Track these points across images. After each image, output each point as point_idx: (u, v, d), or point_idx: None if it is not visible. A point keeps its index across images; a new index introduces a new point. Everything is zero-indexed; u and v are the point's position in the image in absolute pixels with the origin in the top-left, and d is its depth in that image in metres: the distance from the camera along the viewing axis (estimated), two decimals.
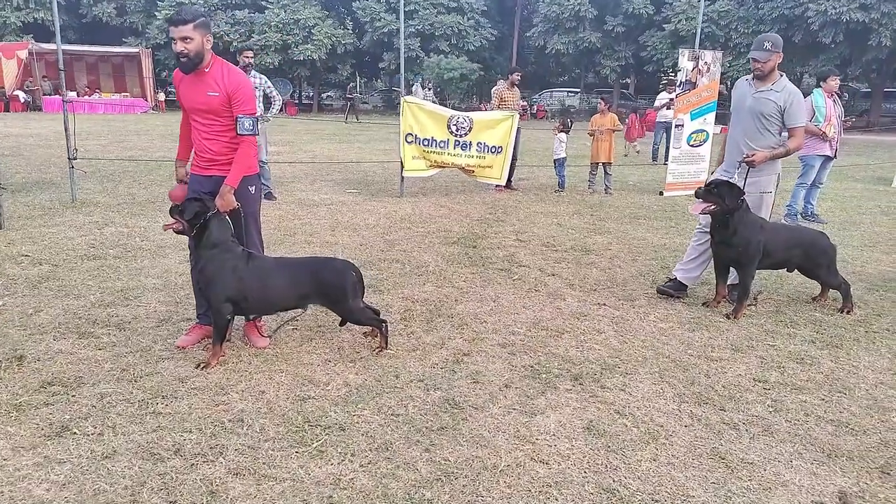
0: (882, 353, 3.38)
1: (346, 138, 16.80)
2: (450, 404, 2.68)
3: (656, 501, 2.10)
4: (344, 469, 2.19)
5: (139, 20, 34.17)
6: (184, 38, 2.91)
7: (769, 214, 4.12)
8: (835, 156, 6.64)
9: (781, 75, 3.93)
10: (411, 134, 7.69)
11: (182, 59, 2.95)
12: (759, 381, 3.01)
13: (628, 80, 37.35)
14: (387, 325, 3.22)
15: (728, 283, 4.15)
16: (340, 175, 9.92)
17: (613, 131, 8.56)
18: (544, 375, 3.00)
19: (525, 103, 24.67)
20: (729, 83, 25.70)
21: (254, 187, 3.26)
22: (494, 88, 8.93)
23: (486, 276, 4.60)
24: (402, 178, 7.99)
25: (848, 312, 3.96)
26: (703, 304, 4.10)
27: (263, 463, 2.20)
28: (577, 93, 35.08)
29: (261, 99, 7.24)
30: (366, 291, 4.11)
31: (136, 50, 30.88)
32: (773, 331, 3.68)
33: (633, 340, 3.48)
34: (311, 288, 3.03)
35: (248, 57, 7.11)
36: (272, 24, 31.21)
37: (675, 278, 4.24)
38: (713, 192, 3.78)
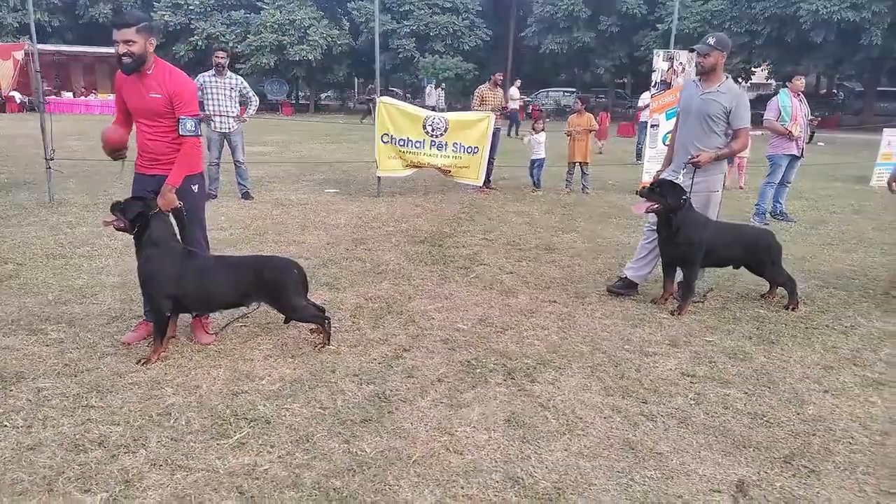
0: (816, 348, 3.45)
1: (338, 138, 16.88)
2: (379, 398, 2.76)
3: (559, 490, 2.17)
4: (260, 460, 2.27)
5: None
6: (126, 41, 2.99)
7: (717, 213, 4.19)
8: (801, 155, 6.70)
9: (727, 77, 4.00)
10: (387, 134, 7.77)
11: (124, 61, 3.02)
12: (688, 376, 3.09)
13: (625, 80, 37.43)
14: (329, 322, 3.30)
15: (677, 280, 4.23)
16: (324, 175, 10.00)
17: (589, 131, 8.63)
18: (479, 370, 3.07)
19: (522, 103, 24.62)
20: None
21: (197, 186, 3.33)
22: (477, 88, 9.02)
23: (444, 275, 4.67)
24: (379, 178, 8.09)
25: (793, 309, 4.02)
26: (652, 301, 4.17)
27: (182, 454, 2.28)
28: (573, 92, 35.11)
29: (236, 100, 7.34)
30: (322, 289, 4.24)
31: None
32: (715, 327, 3.75)
33: (573, 336, 3.55)
34: (252, 286, 3.11)
35: (220, 57, 7.18)
36: (268, 24, 31.30)
37: (626, 277, 4.31)
38: (656, 192, 3.86)
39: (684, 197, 3.82)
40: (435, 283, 4.45)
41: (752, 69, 31.22)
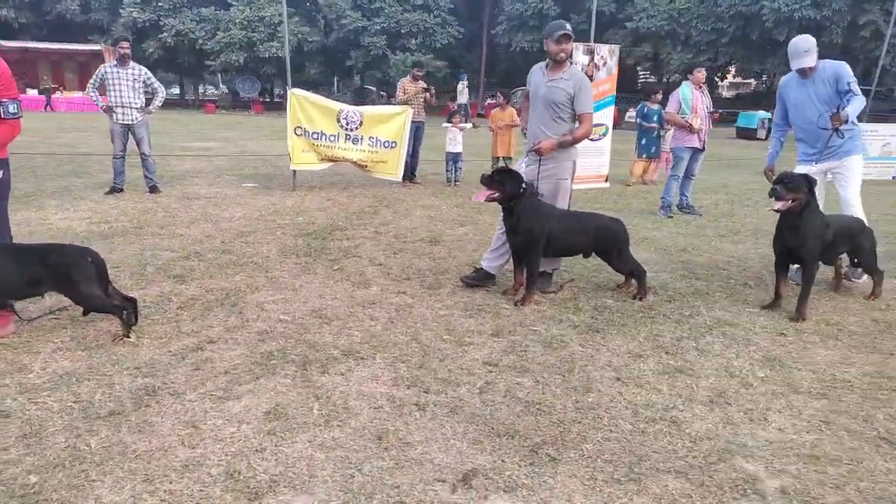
0: (638, 336, 3.39)
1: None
2: (146, 391, 2.66)
3: (274, 483, 2.09)
4: None
5: (104, 18, 33.91)
6: None
7: (567, 202, 4.13)
8: (703, 147, 6.68)
9: (572, 63, 3.94)
10: (300, 127, 7.66)
11: None
12: (491, 365, 3.02)
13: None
14: (128, 314, 3.20)
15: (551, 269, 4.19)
16: (254, 169, 9.88)
17: (512, 126, 8.58)
18: (274, 362, 2.98)
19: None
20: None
21: (1, 172, 3.22)
22: (400, 81, 8.94)
23: (306, 267, 4.58)
24: (294, 171, 7.99)
25: (640, 299, 3.98)
26: (503, 292, 4.12)
27: None
28: None
29: (140, 91, 7.20)
30: (168, 281, 4.14)
31: (100, 47, 30.52)
32: (550, 316, 3.69)
33: (399, 327, 3.47)
34: (40, 274, 3.00)
35: (123, 48, 7.04)
36: (237, 21, 31.08)
37: (481, 268, 4.25)
38: (495, 180, 3.79)
39: (523, 185, 3.76)
40: (291, 276, 4.36)
41: (728, 68, 31.48)
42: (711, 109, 6.72)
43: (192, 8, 32.74)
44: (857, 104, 4.01)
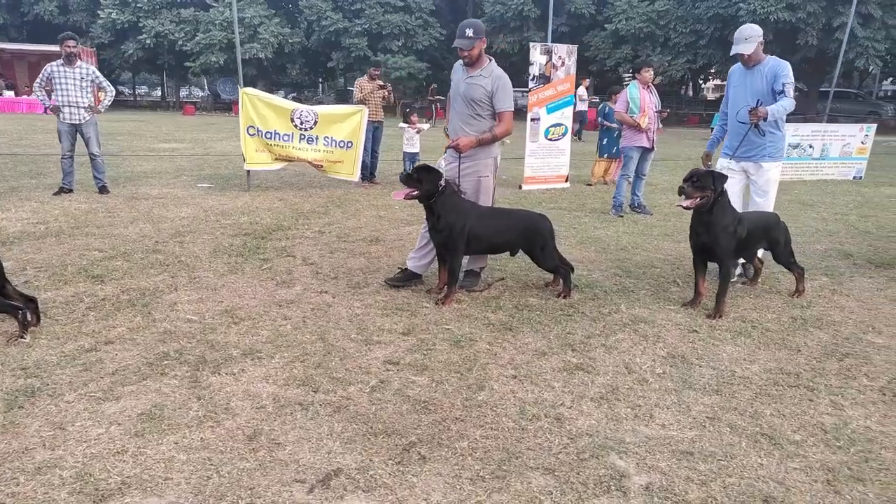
0: (549, 336, 3.36)
1: None
2: (25, 392, 2.59)
3: (124, 486, 2.03)
4: None
5: (82, 19, 33.56)
6: None
7: (490, 199, 4.10)
8: (652, 147, 6.68)
9: (490, 60, 3.91)
10: (253, 126, 7.59)
11: None
12: (392, 363, 2.97)
13: (587, 80, 37.57)
14: (23, 314, 3.12)
15: (470, 268, 4.15)
16: (214, 170, 9.78)
17: None
18: (167, 363, 2.92)
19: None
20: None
21: None
22: (357, 80, 8.89)
23: (235, 267, 4.52)
24: (248, 171, 7.91)
25: (564, 297, 3.95)
26: (428, 290, 4.07)
27: None
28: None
29: (88, 89, 7.10)
30: (86, 281, 4.06)
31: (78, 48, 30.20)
32: (469, 314, 3.65)
33: (309, 327, 3.42)
34: None
35: (69, 46, 6.93)
36: (216, 22, 30.85)
37: (406, 268, 4.20)
38: (413, 178, 3.75)
39: (441, 182, 3.72)
40: (216, 276, 4.29)
41: (711, 71, 31.64)
42: (659, 108, 6.71)
43: (171, 9, 32.47)
44: (782, 104, 4.00)
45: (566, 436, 2.38)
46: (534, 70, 8.33)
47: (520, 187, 8.61)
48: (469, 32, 3.78)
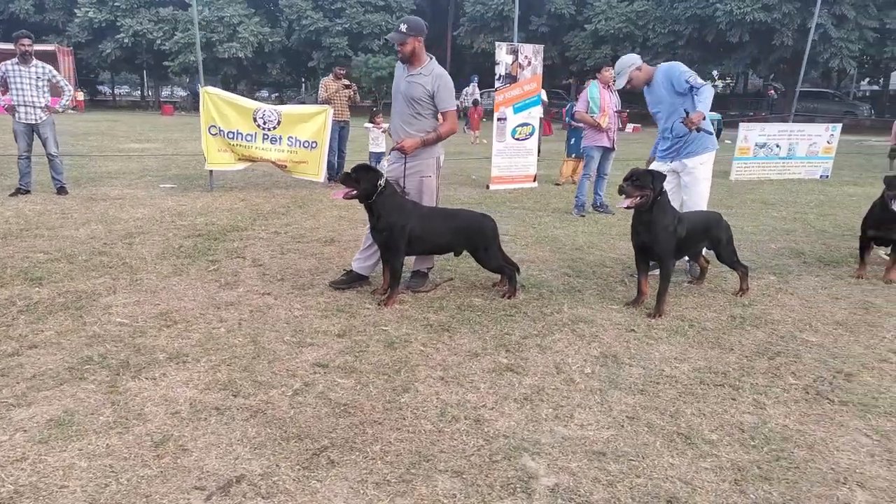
0: (485, 336, 3.33)
1: None
2: None
3: (19, 493, 1.97)
4: None
5: (59, 17, 33.06)
6: None
7: (433, 199, 4.07)
8: (613, 147, 6.70)
9: (431, 58, 3.88)
10: (214, 126, 7.50)
11: None
12: (320, 366, 2.93)
13: (570, 81, 37.68)
14: None
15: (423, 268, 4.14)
16: (181, 171, 9.65)
17: None
18: (89, 367, 2.86)
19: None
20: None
21: None
22: (322, 79, 8.83)
23: (181, 269, 4.45)
24: (210, 171, 7.82)
25: (509, 297, 3.93)
26: (372, 291, 4.04)
27: None
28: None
29: (45, 89, 6.97)
30: (24, 283, 3.97)
31: (52, 48, 29.77)
32: (409, 316, 3.62)
33: (244, 329, 3.36)
34: None
35: (24, 45, 6.78)
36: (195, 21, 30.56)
37: (352, 270, 4.16)
38: (351, 178, 3.71)
39: (380, 182, 3.69)
40: (159, 278, 4.22)
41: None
42: (619, 108, 6.73)
43: (149, 8, 32.09)
44: (704, 95, 3.99)
45: (482, 437, 2.36)
46: (500, 70, 8.33)
47: (487, 187, 8.60)
48: (402, 28, 3.76)
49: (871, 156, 14.94)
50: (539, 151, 12.58)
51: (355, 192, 3.69)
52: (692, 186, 4.25)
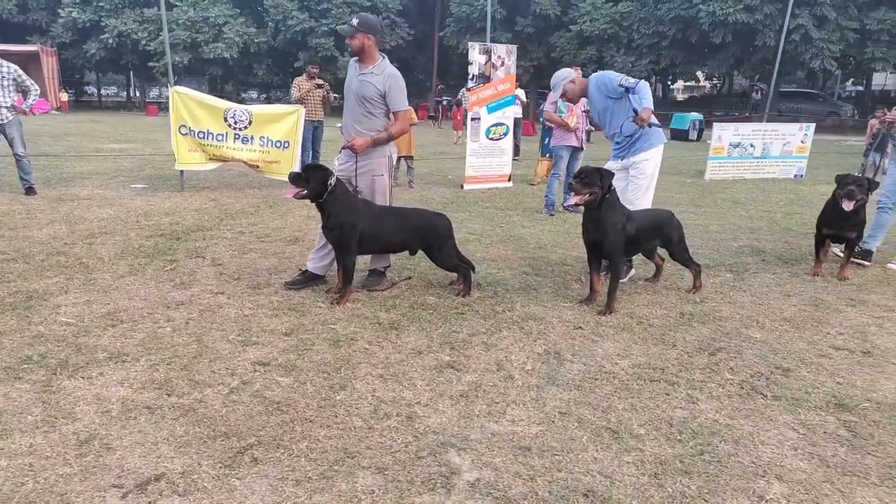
0: (433, 334, 3.33)
1: None
2: None
3: None
4: None
5: (42, 18, 32.78)
6: None
7: (386, 198, 4.07)
8: (582, 146, 6.73)
9: (383, 57, 3.89)
10: (185, 126, 7.46)
11: None
12: (261, 364, 2.92)
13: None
14: None
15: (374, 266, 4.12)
16: (156, 171, 9.59)
17: (410, 125, 8.51)
18: (27, 366, 2.83)
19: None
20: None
21: None
22: (295, 80, 8.82)
23: (138, 269, 4.42)
24: (181, 171, 7.79)
25: (463, 295, 3.93)
26: (327, 290, 4.04)
27: None
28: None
29: (11, 89, 6.91)
30: None
31: (35, 48, 29.49)
32: (361, 314, 3.62)
33: (189, 329, 3.35)
34: None
35: None
36: (180, 21, 30.39)
37: (307, 270, 4.15)
38: (301, 177, 3.71)
39: (330, 181, 3.69)
40: (113, 278, 4.19)
41: (677, 71, 32.01)
42: (586, 108, 6.76)
43: (134, 8, 31.89)
44: (643, 94, 4.01)
45: (412, 434, 2.37)
46: (473, 70, 8.34)
47: (461, 187, 8.62)
48: (354, 21, 3.77)
49: (848, 155, 15.09)
50: (518, 152, 12.74)
51: (305, 191, 3.69)
52: (638, 180, 4.28)
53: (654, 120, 4.12)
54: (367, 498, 2.00)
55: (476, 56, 8.31)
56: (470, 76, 8.42)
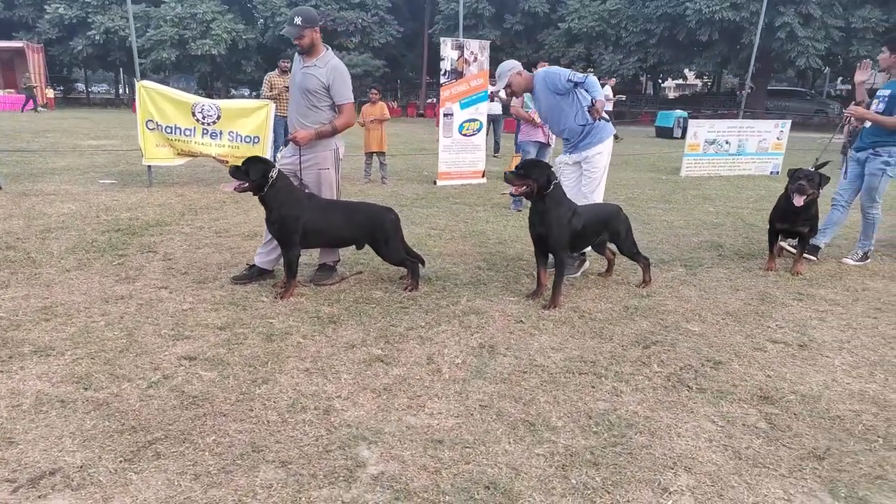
0: (371, 328, 3.29)
1: None
2: None
3: None
4: None
5: (29, 14, 32.48)
6: None
7: (333, 192, 4.03)
8: (549, 142, 6.71)
9: (327, 49, 3.84)
10: (152, 120, 7.39)
11: None
12: (187, 359, 2.88)
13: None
14: None
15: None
16: (129, 166, 9.49)
17: (382, 121, 8.48)
18: None
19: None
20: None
21: None
22: (267, 74, 8.76)
23: (87, 263, 4.36)
24: (149, 167, 7.72)
25: (411, 290, 3.90)
26: (273, 285, 4.00)
27: None
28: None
29: None
30: None
31: (21, 44, 29.23)
32: (304, 309, 3.58)
33: (123, 323, 3.30)
34: None
35: None
36: (167, 18, 30.21)
37: (254, 264, 4.11)
38: (241, 170, 3.67)
39: (272, 174, 3.65)
40: (58, 273, 4.14)
41: (665, 69, 32.06)
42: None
43: (121, 4, 31.64)
44: (593, 86, 3.96)
45: (325, 428, 2.34)
46: (445, 65, 8.30)
47: (434, 183, 8.59)
48: (297, 21, 3.71)
49: (828, 152, 15.11)
50: (499, 148, 12.72)
51: (246, 184, 3.65)
52: (591, 174, 4.26)
53: (604, 113, 4.11)
54: (265, 492, 1.97)
55: (448, 52, 8.28)
56: (442, 72, 8.38)
